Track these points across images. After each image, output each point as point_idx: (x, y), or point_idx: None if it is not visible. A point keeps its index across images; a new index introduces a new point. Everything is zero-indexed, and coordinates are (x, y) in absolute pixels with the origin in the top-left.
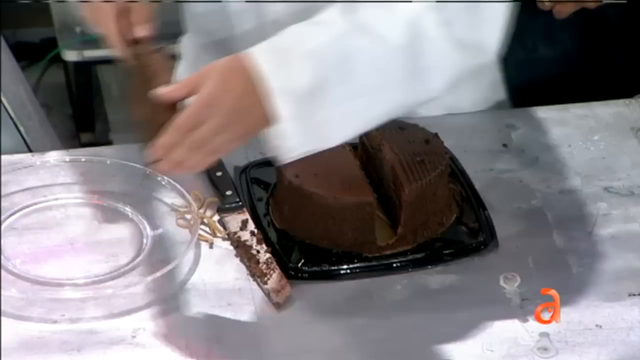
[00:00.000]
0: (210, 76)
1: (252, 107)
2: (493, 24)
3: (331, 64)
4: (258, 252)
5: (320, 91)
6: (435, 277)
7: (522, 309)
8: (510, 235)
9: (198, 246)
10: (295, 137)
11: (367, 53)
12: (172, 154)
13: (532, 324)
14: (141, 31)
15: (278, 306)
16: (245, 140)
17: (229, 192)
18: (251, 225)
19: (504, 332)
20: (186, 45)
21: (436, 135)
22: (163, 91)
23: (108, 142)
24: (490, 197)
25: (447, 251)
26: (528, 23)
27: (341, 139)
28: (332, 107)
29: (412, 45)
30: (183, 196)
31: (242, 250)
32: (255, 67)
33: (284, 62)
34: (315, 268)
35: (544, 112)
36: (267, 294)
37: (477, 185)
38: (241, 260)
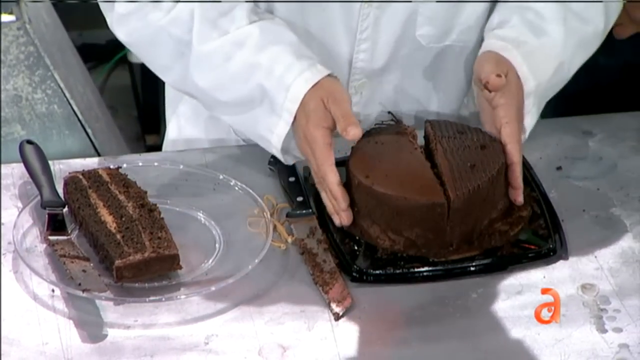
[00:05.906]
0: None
1: None
2: None
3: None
4: (324, 260)
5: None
6: (508, 282)
7: (600, 319)
8: (588, 243)
9: (271, 252)
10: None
11: None
12: None
13: (611, 335)
14: None
15: (337, 317)
16: None
17: (299, 199)
18: (319, 234)
19: (582, 342)
20: None
21: (495, 140)
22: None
23: None
24: (568, 205)
25: (513, 258)
26: None
27: None
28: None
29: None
30: (256, 201)
31: (307, 257)
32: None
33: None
34: (380, 271)
35: (621, 119)
36: (328, 304)
37: (554, 193)
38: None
